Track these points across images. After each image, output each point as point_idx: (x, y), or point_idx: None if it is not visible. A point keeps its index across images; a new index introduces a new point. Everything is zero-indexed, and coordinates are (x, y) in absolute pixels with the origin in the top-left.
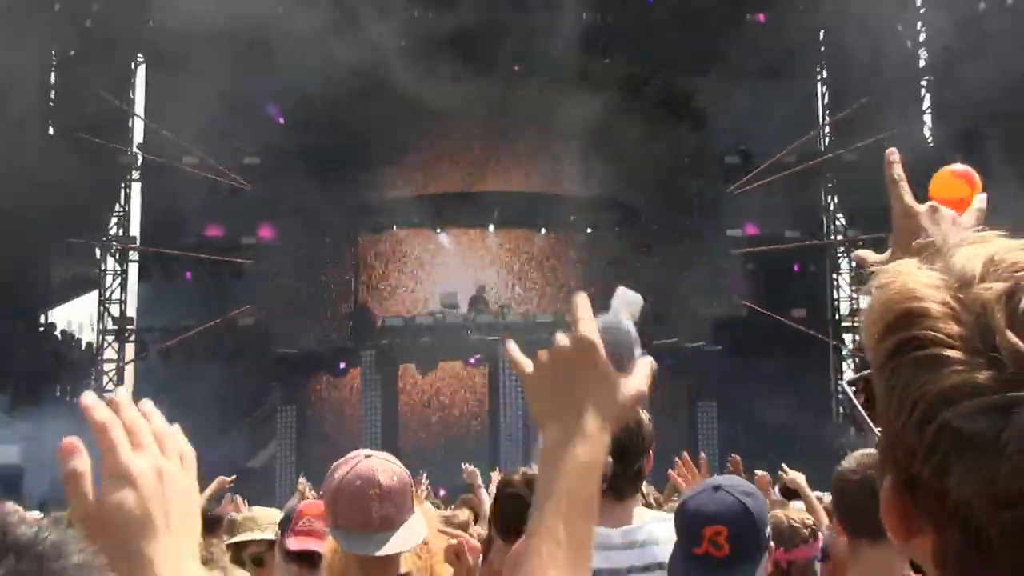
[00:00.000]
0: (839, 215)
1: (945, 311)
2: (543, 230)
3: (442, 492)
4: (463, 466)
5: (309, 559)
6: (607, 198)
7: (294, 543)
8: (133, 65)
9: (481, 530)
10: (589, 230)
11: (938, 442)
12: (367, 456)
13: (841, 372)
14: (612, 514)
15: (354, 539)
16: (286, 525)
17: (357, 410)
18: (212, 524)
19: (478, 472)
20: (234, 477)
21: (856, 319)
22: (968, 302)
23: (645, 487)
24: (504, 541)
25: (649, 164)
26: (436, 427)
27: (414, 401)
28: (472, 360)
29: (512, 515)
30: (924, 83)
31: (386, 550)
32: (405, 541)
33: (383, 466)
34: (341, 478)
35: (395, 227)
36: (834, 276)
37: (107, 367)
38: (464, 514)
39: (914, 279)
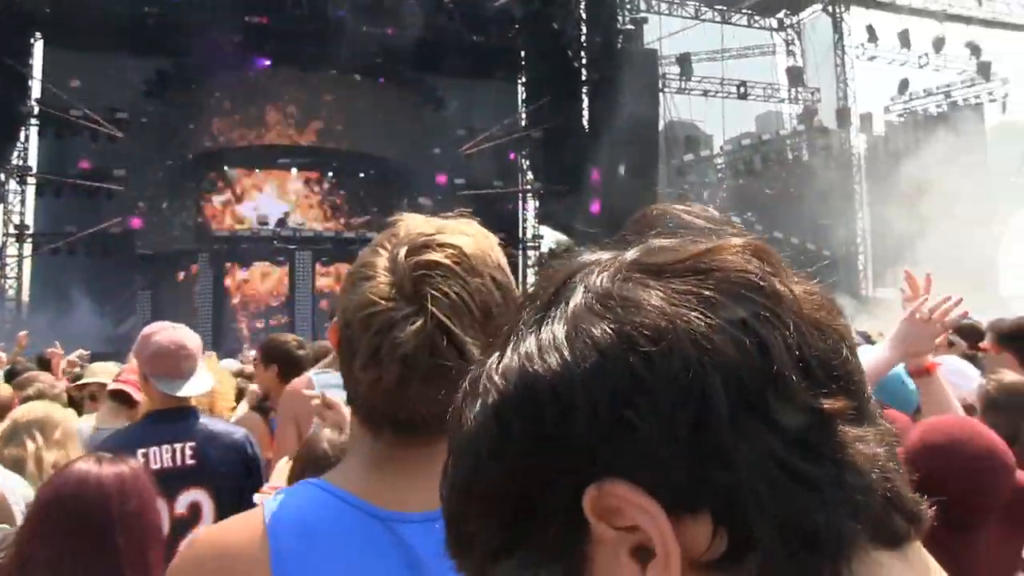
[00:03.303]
0: (528, 171)
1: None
2: (330, 174)
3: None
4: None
5: (124, 399)
6: (376, 155)
7: (113, 385)
8: (32, 40)
9: None
10: (361, 175)
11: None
12: (174, 327)
13: None
14: None
15: (166, 383)
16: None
17: (195, 293)
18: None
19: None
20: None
21: (535, 241)
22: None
23: None
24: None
25: (407, 132)
26: (251, 307)
27: (236, 289)
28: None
29: (280, 360)
30: (584, 90)
31: (186, 391)
32: (197, 387)
33: (188, 334)
34: (159, 341)
35: (226, 167)
36: (523, 211)
37: (9, 261)
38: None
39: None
